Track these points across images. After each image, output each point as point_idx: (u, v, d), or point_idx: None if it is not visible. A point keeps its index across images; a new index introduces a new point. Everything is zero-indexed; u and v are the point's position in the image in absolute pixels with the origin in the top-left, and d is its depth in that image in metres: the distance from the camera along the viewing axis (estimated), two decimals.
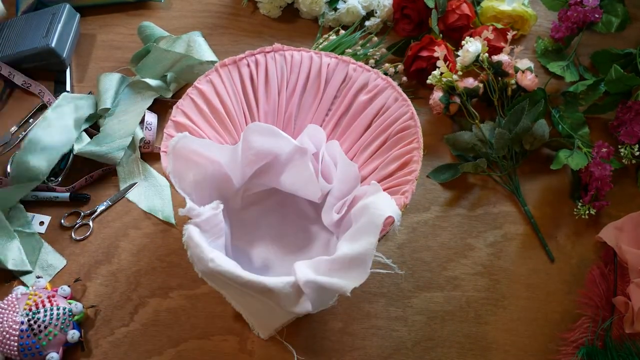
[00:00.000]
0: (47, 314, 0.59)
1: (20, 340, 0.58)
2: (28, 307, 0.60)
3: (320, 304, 0.53)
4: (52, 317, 0.60)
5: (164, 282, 0.68)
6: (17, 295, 0.61)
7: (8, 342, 0.58)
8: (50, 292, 0.63)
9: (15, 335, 0.58)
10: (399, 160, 0.60)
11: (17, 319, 0.59)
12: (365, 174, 0.63)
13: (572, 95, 0.84)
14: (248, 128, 0.61)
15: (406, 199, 0.55)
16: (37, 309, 0.60)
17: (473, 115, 0.79)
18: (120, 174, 0.76)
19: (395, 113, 0.63)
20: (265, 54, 0.66)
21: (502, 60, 0.80)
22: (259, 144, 0.61)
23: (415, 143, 0.59)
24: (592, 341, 0.66)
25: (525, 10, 0.89)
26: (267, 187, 0.68)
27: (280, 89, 0.67)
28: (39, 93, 0.83)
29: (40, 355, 0.59)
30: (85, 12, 0.92)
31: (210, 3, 0.95)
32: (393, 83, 0.65)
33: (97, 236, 0.72)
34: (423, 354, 0.66)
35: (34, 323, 0.59)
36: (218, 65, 0.64)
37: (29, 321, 0.59)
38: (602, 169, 0.73)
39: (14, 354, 0.58)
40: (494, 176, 0.79)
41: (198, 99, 0.63)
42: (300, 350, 0.65)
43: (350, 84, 0.67)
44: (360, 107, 0.66)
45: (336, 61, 0.67)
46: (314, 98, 0.68)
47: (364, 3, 0.91)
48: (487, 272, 0.72)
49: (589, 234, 0.75)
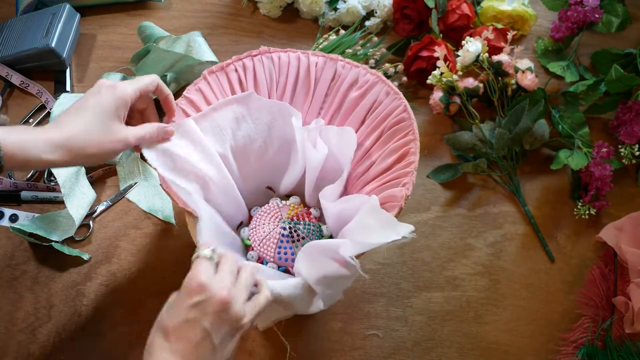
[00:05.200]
0: (306, 227, 0.63)
1: (280, 243, 0.62)
2: (290, 217, 0.63)
3: (331, 299, 0.53)
4: (309, 230, 0.63)
5: (164, 282, 0.68)
6: (277, 204, 0.65)
7: (268, 242, 0.62)
8: (305, 209, 0.66)
9: (276, 239, 0.62)
10: (396, 153, 0.60)
11: (280, 224, 0.63)
12: (364, 169, 0.63)
13: (572, 95, 0.84)
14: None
15: (407, 191, 0.55)
16: (299, 220, 0.63)
17: (473, 115, 0.79)
18: (120, 173, 0.76)
19: (389, 107, 0.63)
20: (252, 57, 0.66)
21: (502, 60, 0.80)
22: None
23: (411, 135, 0.60)
24: (592, 341, 0.66)
25: (525, 10, 0.89)
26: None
27: (270, 91, 0.67)
28: (37, 93, 0.83)
29: (293, 262, 0.61)
30: (85, 12, 0.92)
31: (210, 3, 0.95)
32: (383, 77, 0.64)
33: (97, 236, 0.72)
34: (423, 354, 0.66)
35: (294, 232, 0.62)
36: (206, 73, 0.64)
37: (290, 229, 0.62)
38: (602, 169, 0.73)
39: (270, 255, 0.61)
40: (494, 176, 0.79)
41: (188, 109, 0.62)
42: (300, 350, 0.65)
43: (340, 81, 0.66)
44: (353, 103, 0.66)
45: (324, 59, 0.67)
46: (304, 98, 0.67)
47: (364, 3, 0.91)
48: (487, 272, 0.72)
49: (589, 234, 0.75)
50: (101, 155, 0.51)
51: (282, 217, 0.63)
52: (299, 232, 0.62)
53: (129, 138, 0.53)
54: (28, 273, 0.69)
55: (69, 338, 0.65)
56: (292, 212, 0.64)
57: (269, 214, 0.64)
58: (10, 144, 0.46)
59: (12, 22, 0.87)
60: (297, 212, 0.64)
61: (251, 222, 0.64)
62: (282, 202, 0.66)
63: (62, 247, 0.69)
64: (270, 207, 0.65)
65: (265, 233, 0.62)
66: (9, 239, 0.71)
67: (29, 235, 0.69)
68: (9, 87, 0.84)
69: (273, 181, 0.70)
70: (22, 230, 0.68)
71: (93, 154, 0.50)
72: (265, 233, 0.62)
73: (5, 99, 0.83)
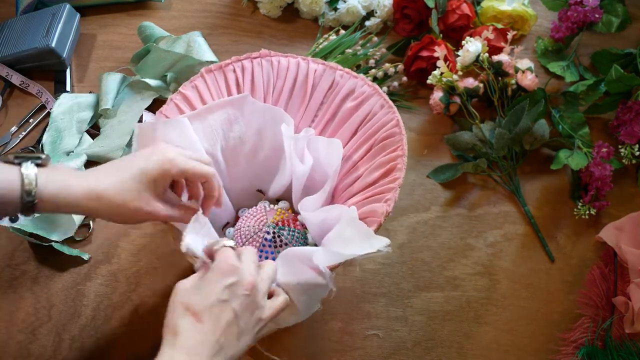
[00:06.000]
0: (290, 233, 0.62)
1: (261, 247, 0.61)
2: (275, 222, 0.62)
3: (308, 308, 0.53)
4: (293, 237, 0.62)
5: (164, 282, 0.68)
6: (265, 207, 0.64)
7: (250, 245, 0.61)
8: (293, 215, 0.65)
9: (259, 242, 0.61)
10: (383, 168, 0.59)
11: (264, 228, 0.61)
12: (350, 181, 0.63)
13: (572, 95, 0.84)
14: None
15: (389, 207, 0.55)
16: (283, 225, 0.62)
17: (473, 115, 0.79)
18: None
19: (381, 120, 0.63)
20: (251, 59, 0.66)
21: (502, 60, 0.80)
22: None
23: (399, 150, 0.59)
24: (592, 341, 0.66)
25: (525, 10, 0.89)
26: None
27: (266, 94, 0.66)
28: (37, 93, 0.83)
29: None
30: (85, 12, 0.92)
31: (210, 3, 0.95)
32: (379, 90, 0.64)
33: (97, 236, 0.72)
34: (423, 354, 0.66)
35: (277, 237, 0.61)
36: (204, 71, 0.64)
37: (274, 234, 0.61)
38: (602, 169, 0.73)
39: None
40: (494, 176, 0.79)
41: (182, 104, 0.62)
42: (300, 350, 0.65)
43: (337, 91, 0.66)
44: (347, 113, 0.65)
45: (323, 67, 0.67)
46: (300, 104, 0.67)
47: (364, 3, 0.91)
48: (487, 272, 0.71)
49: (589, 234, 0.75)
50: (126, 218, 0.49)
51: (267, 221, 0.62)
52: (282, 238, 0.61)
53: (160, 214, 0.50)
54: (28, 273, 0.69)
55: (69, 338, 0.65)
56: (277, 217, 0.63)
57: (255, 216, 0.63)
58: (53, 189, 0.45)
59: (12, 22, 0.87)
60: (282, 217, 0.63)
61: (237, 223, 0.64)
62: (270, 206, 0.65)
63: (62, 247, 0.69)
64: (257, 210, 0.64)
65: (248, 235, 0.62)
66: (9, 239, 0.71)
67: (29, 235, 0.69)
68: (9, 87, 0.84)
69: (263, 184, 0.69)
70: (22, 230, 0.68)
71: (119, 212, 0.48)
72: (249, 235, 0.62)
73: (5, 99, 0.83)
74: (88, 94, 0.82)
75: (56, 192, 0.45)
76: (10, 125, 0.80)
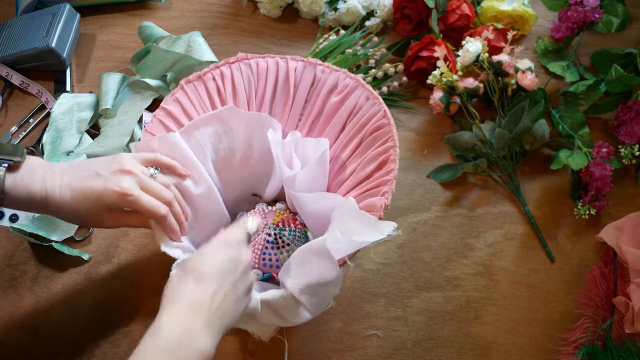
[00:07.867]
0: (291, 233, 0.62)
1: (264, 250, 0.61)
2: (275, 223, 0.62)
3: (318, 307, 0.53)
4: (295, 236, 0.62)
5: (164, 282, 0.68)
6: (263, 209, 0.64)
7: (252, 249, 0.61)
8: (292, 215, 0.65)
9: (261, 245, 0.61)
10: (376, 161, 0.59)
11: (265, 230, 0.62)
12: (345, 177, 0.63)
13: (572, 95, 0.84)
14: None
15: (386, 200, 0.54)
16: (284, 226, 0.62)
17: (473, 115, 0.79)
18: None
19: (368, 112, 0.62)
20: (229, 65, 0.65)
21: (502, 60, 0.80)
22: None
23: (390, 141, 0.59)
24: (592, 341, 0.66)
25: (525, 10, 0.89)
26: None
27: (249, 98, 0.66)
28: (37, 93, 0.83)
29: (277, 268, 0.61)
30: (85, 12, 0.92)
31: (210, 3, 0.95)
32: (362, 81, 0.64)
33: (97, 236, 0.72)
34: (423, 354, 0.66)
35: (279, 238, 0.61)
36: (183, 83, 0.63)
37: (275, 235, 0.61)
38: (602, 169, 0.73)
39: (255, 261, 0.61)
40: (494, 176, 0.79)
41: (166, 120, 0.62)
42: (300, 351, 0.65)
43: (320, 86, 0.66)
44: (333, 108, 0.65)
45: (303, 64, 0.66)
46: (284, 104, 0.67)
47: (364, 3, 0.91)
48: (487, 272, 0.72)
49: (589, 234, 0.75)
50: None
51: (267, 223, 0.62)
52: (284, 239, 0.61)
53: (115, 227, 0.57)
54: (28, 273, 0.69)
55: (69, 338, 0.65)
56: (277, 218, 0.63)
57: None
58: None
59: (12, 22, 0.87)
60: (282, 218, 0.63)
61: None
62: (269, 208, 0.65)
63: (62, 247, 0.69)
64: (256, 213, 0.64)
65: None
66: (9, 239, 0.71)
67: (29, 235, 0.69)
68: (9, 87, 0.84)
69: (258, 188, 0.69)
70: (22, 230, 0.68)
71: (76, 222, 0.56)
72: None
73: (5, 99, 0.83)
74: (88, 94, 0.82)
75: (20, 196, 0.51)
76: (10, 125, 0.81)
